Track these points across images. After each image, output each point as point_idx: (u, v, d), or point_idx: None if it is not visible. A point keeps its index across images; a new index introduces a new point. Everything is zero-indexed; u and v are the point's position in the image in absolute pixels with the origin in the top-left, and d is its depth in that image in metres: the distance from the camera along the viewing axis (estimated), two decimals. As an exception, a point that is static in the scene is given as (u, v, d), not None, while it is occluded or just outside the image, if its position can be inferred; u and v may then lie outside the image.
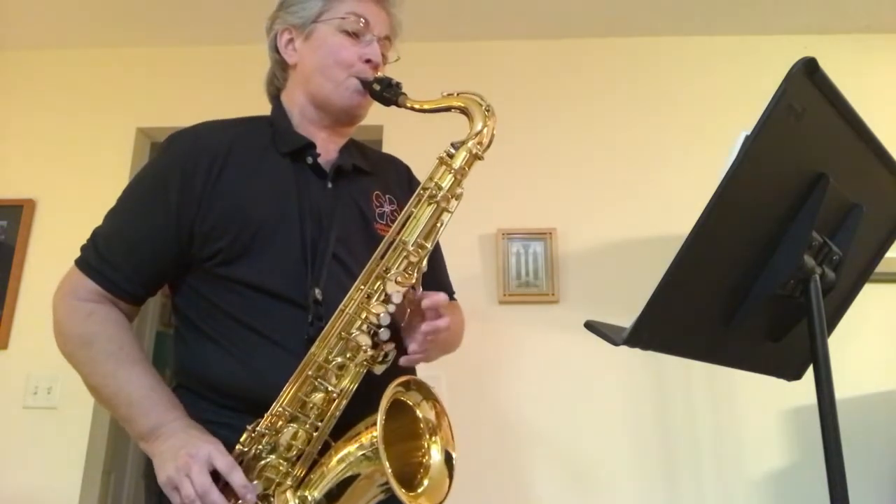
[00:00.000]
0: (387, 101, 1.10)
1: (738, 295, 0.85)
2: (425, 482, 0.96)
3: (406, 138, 1.89)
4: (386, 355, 0.97)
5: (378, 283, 0.99)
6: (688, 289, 0.80)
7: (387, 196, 1.19)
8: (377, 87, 1.10)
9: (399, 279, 0.98)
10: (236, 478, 0.91)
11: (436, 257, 1.12)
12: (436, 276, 1.06)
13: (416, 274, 1.00)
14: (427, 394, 1.00)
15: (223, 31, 2.62)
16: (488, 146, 1.06)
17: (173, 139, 1.11)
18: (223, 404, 1.01)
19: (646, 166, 2.46)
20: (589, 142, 2.51)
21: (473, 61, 2.60)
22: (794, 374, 1.02)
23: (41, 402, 2.30)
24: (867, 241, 0.96)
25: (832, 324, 0.99)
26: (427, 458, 0.98)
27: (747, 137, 0.75)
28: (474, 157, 1.05)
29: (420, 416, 0.99)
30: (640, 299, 0.77)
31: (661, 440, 2.20)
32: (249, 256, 1.03)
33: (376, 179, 1.20)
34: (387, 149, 1.33)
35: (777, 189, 0.82)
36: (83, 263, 1.05)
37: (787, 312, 0.89)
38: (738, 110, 2.14)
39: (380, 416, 0.90)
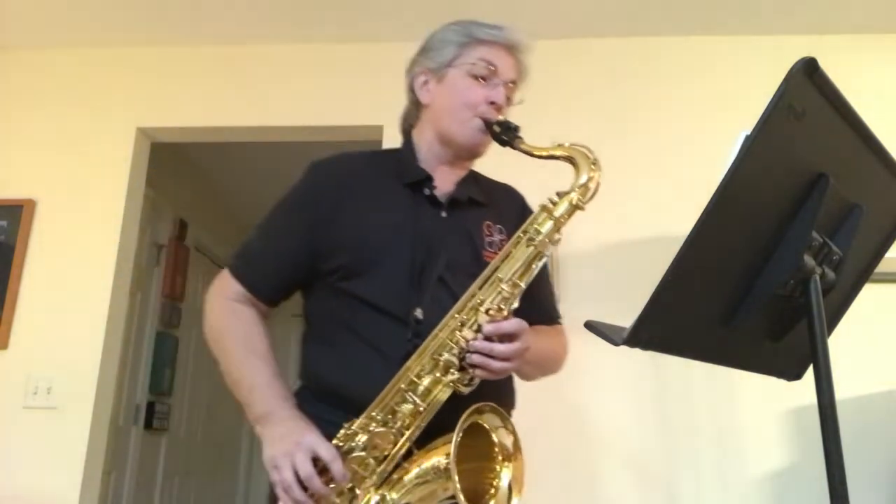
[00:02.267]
0: (503, 143, 1.19)
1: (738, 295, 0.85)
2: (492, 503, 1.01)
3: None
4: (471, 379, 1.04)
5: (472, 313, 1.06)
6: (688, 289, 0.80)
7: (497, 226, 1.26)
8: (497, 128, 1.19)
9: (491, 312, 1.05)
10: (337, 466, 1.01)
11: (540, 279, 1.17)
12: (535, 298, 1.17)
13: (507, 308, 1.06)
14: (505, 421, 1.05)
15: (223, 31, 2.61)
16: (591, 198, 1.13)
17: (315, 166, 1.26)
18: (333, 403, 1.12)
19: (646, 166, 2.45)
20: (588, 142, 2.50)
21: (473, 61, 2.59)
22: (794, 374, 1.02)
23: (41, 402, 2.30)
24: (867, 241, 0.95)
25: (832, 324, 0.99)
26: (497, 481, 1.03)
27: (747, 137, 0.75)
28: (575, 208, 1.12)
29: (496, 440, 1.04)
30: (640, 299, 0.77)
31: (660, 440, 2.20)
32: (364, 274, 1.15)
33: (489, 210, 1.28)
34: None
35: (777, 189, 0.82)
36: (234, 269, 1.23)
37: (787, 312, 0.89)
38: (738, 110, 2.14)
39: (455, 435, 0.96)
